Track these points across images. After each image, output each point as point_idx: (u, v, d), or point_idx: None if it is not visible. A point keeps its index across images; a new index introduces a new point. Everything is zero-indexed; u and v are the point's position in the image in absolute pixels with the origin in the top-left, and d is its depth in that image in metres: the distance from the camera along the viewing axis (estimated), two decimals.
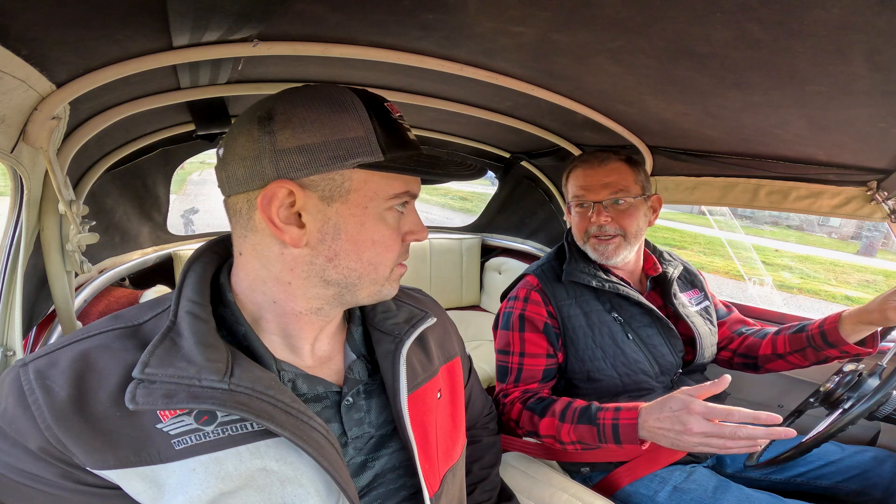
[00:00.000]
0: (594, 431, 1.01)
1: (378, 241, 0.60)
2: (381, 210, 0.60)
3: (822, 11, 0.51)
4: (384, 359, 0.67)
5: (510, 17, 0.66)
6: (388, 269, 0.63)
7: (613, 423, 0.99)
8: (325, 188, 0.56)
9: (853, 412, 0.95)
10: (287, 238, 0.56)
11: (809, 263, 14.56)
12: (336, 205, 0.57)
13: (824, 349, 1.18)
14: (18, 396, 0.49)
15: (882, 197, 1.18)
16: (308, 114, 0.55)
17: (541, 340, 1.20)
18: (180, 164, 1.69)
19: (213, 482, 0.51)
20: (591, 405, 1.06)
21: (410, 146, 0.61)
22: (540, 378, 1.21)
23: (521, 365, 1.21)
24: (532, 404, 1.14)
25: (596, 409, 1.03)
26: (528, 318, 1.22)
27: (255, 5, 0.63)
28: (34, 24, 0.55)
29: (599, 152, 1.26)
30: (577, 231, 1.27)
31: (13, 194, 0.84)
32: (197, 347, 0.53)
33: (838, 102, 0.77)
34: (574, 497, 1.04)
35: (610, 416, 1.00)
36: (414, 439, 0.65)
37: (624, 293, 1.21)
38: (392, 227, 0.61)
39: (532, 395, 1.19)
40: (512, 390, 1.21)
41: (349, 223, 0.58)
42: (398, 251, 0.63)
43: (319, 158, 0.55)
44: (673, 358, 1.22)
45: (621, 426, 0.98)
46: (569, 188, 1.29)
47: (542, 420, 1.09)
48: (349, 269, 0.60)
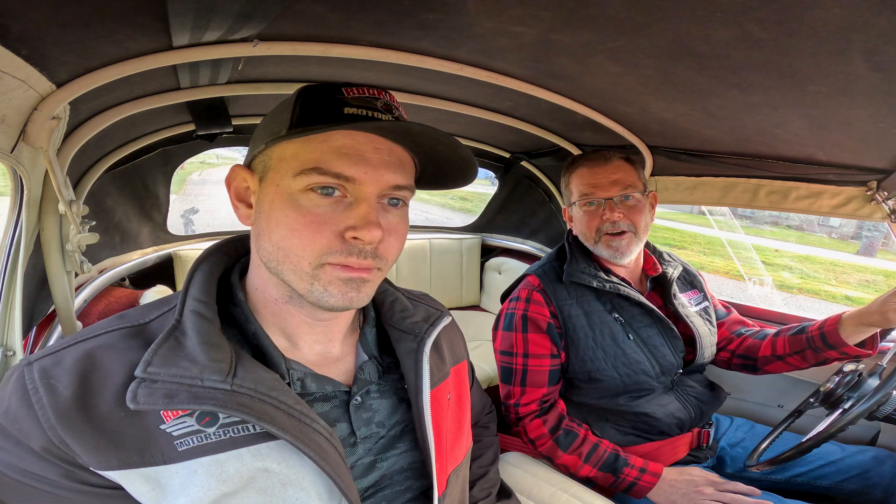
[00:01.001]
0: (611, 480, 1.12)
1: (282, 222, 0.56)
2: (291, 190, 0.55)
3: (822, 11, 0.51)
4: (406, 357, 0.67)
5: (510, 17, 0.66)
6: (307, 262, 0.56)
7: (633, 480, 1.10)
8: (258, 169, 0.60)
9: (853, 412, 0.95)
10: (238, 215, 0.63)
11: (809, 263, 14.56)
12: (263, 184, 0.59)
13: (824, 351, 1.18)
14: (22, 395, 0.49)
15: (882, 197, 1.18)
16: (273, 110, 0.62)
17: (544, 341, 1.20)
18: (180, 164, 1.69)
19: (214, 484, 0.51)
20: (618, 457, 1.13)
21: (334, 119, 0.56)
22: (546, 381, 1.20)
23: (525, 366, 1.20)
24: (559, 438, 1.17)
25: (622, 464, 1.12)
26: (531, 319, 1.21)
27: (255, 5, 0.63)
28: (34, 24, 0.55)
29: (602, 151, 1.26)
30: (585, 230, 1.24)
31: (13, 194, 0.84)
32: (201, 347, 0.53)
33: (838, 102, 0.77)
34: (574, 497, 1.04)
35: (634, 474, 1.11)
36: (433, 439, 0.65)
37: (625, 293, 1.21)
38: (307, 211, 0.55)
39: (549, 404, 1.20)
40: (526, 400, 1.20)
41: (265, 202, 0.59)
42: (318, 242, 0.55)
43: (256, 144, 0.61)
44: (674, 358, 1.23)
45: (638, 485, 1.10)
46: (573, 188, 1.27)
47: (565, 455, 1.16)
48: (268, 253, 0.58)
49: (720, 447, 1.33)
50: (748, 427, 1.37)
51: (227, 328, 0.59)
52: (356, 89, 0.59)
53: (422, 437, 0.65)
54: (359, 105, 0.57)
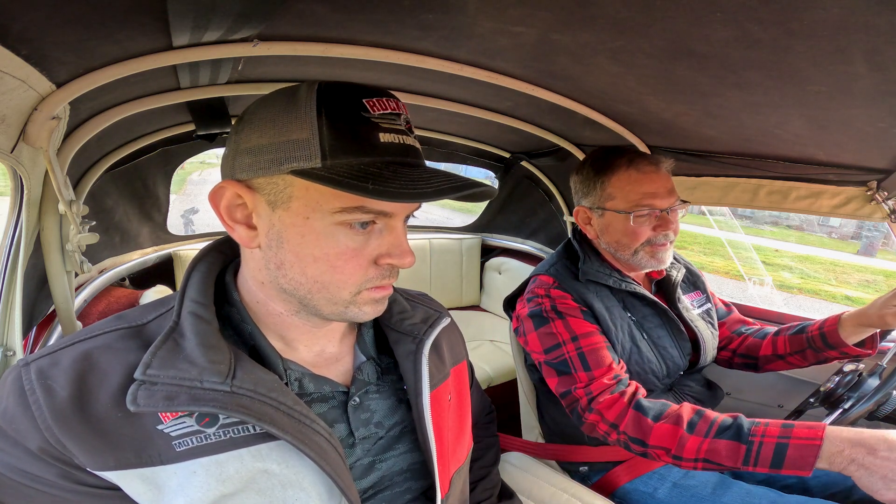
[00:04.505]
0: (741, 451, 0.85)
1: (321, 258, 0.54)
2: (326, 224, 0.53)
3: (822, 11, 0.50)
4: (405, 359, 0.67)
5: (510, 17, 0.66)
6: (347, 292, 0.56)
7: (780, 442, 0.82)
8: (269, 192, 0.54)
9: (853, 412, 0.95)
10: (236, 237, 0.57)
11: (809, 263, 14.56)
12: (279, 211, 0.54)
13: (824, 350, 1.18)
14: (19, 396, 0.49)
15: (882, 197, 1.18)
16: (265, 113, 0.54)
17: (585, 322, 1.10)
18: (180, 164, 1.69)
19: (213, 484, 0.51)
20: (738, 417, 0.90)
21: (374, 152, 0.52)
22: (608, 357, 1.06)
23: (579, 349, 1.07)
24: (642, 402, 0.98)
25: (750, 424, 0.87)
26: (560, 307, 1.12)
27: (255, 5, 0.63)
28: (34, 24, 0.54)
29: (642, 154, 1.17)
30: (628, 240, 1.14)
31: (13, 194, 0.84)
32: (199, 349, 0.52)
33: (838, 102, 0.77)
34: (574, 497, 1.04)
35: (775, 432, 0.83)
36: (434, 440, 0.65)
37: (640, 292, 1.19)
38: (345, 247, 0.54)
39: (623, 381, 1.03)
40: (596, 377, 1.03)
41: (290, 233, 0.54)
42: (358, 274, 0.56)
43: (261, 161, 0.53)
44: (681, 360, 1.22)
45: (793, 446, 0.81)
46: (613, 191, 1.14)
47: (657, 425, 0.94)
48: (297, 283, 0.56)
49: None
50: None
51: (224, 328, 0.59)
52: (377, 102, 0.53)
53: (422, 438, 0.65)
54: (389, 128, 0.54)
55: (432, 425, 0.65)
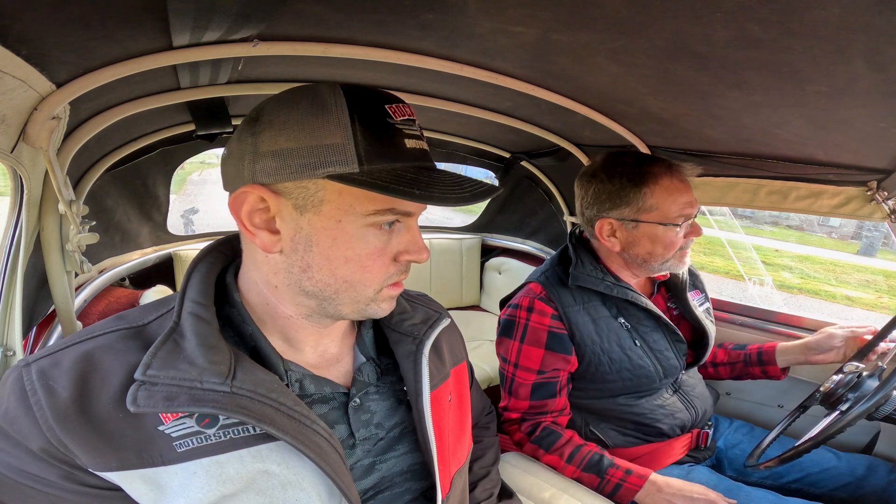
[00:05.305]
0: (595, 482, 1.09)
1: (352, 259, 0.56)
2: (358, 226, 0.55)
3: (822, 11, 0.50)
4: (405, 360, 0.67)
5: (510, 17, 0.66)
6: (372, 289, 0.59)
7: (618, 482, 1.07)
8: (298, 196, 0.54)
9: (853, 413, 0.95)
10: (258, 242, 0.56)
11: (809, 263, 14.56)
12: (308, 215, 0.54)
13: (754, 366, 1.38)
14: (20, 396, 0.49)
15: (882, 197, 1.18)
16: (289, 116, 0.53)
17: (537, 355, 1.16)
18: (180, 164, 1.69)
19: (214, 485, 0.51)
20: (602, 458, 1.10)
21: (403, 157, 0.54)
22: (528, 394, 1.17)
23: (513, 376, 1.19)
24: (537, 438, 1.16)
25: (607, 465, 1.09)
26: (530, 330, 1.17)
27: (255, 5, 0.63)
28: (34, 24, 0.54)
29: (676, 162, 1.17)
30: (665, 251, 1.14)
31: (13, 194, 0.84)
32: (199, 349, 0.52)
33: (838, 102, 0.77)
34: (574, 498, 1.04)
35: (619, 475, 1.08)
36: (434, 441, 0.65)
37: (632, 299, 1.19)
38: (374, 247, 0.57)
39: (536, 423, 1.18)
40: (512, 406, 1.20)
41: (321, 236, 0.55)
42: (383, 272, 0.59)
43: (290, 165, 0.52)
44: (677, 361, 1.23)
45: (624, 487, 1.06)
46: (657, 202, 1.11)
47: (546, 456, 1.15)
48: (324, 284, 0.57)
49: (718, 448, 1.33)
50: (747, 429, 1.38)
51: (224, 329, 0.59)
52: (397, 108, 0.55)
53: (423, 439, 0.65)
54: (411, 134, 0.56)
55: (433, 426, 0.65)
